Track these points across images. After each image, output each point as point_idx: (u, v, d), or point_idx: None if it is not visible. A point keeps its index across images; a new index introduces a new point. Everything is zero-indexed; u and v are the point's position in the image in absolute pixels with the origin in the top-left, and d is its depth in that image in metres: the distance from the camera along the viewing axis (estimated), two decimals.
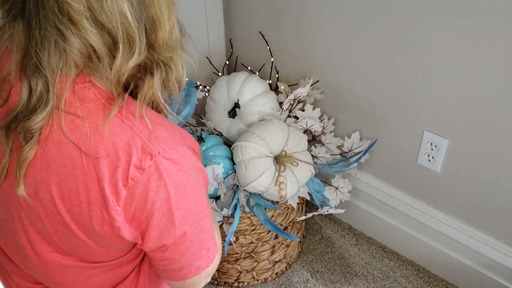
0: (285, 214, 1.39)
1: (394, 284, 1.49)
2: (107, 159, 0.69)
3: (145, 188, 0.71)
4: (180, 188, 0.73)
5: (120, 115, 0.71)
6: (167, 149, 0.71)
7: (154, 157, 0.70)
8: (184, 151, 0.75)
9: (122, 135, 0.70)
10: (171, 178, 0.72)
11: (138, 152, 0.69)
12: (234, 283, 1.49)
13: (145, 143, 0.70)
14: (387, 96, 1.36)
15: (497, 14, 1.06)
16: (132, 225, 0.74)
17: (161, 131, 0.73)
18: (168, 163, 0.71)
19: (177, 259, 0.80)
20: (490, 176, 1.26)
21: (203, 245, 0.81)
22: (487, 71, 1.13)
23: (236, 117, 1.44)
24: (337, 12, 1.34)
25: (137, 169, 0.69)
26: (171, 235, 0.75)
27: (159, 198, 0.72)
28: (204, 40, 1.62)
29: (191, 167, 0.75)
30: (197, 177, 0.77)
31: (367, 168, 1.53)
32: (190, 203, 0.76)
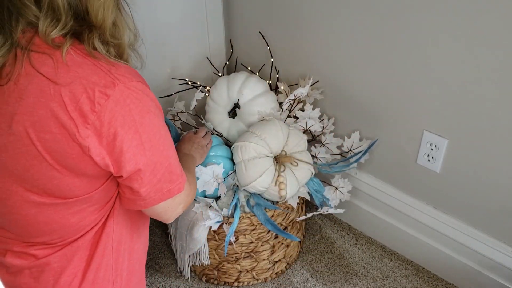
0: (285, 214, 1.39)
1: (394, 284, 1.49)
2: (72, 85, 0.79)
3: (113, 113, 0.80)
4: (144, 114, 0.84)
5: (82, 53, 0.82)
6: (127, 81, 0.82)
7: (117, 86, 0.80)
8: (143, 86, 0.85)
9: (86, 67, 0.81)
10: (134, 104, 0.82)
11: (102, 80, 0.80)
12: (234, 283, 1.49)
13: (108, 74, 0.81)
14: (387, 96, 1.36)
15: (497, 14, 1.06)
16: (103, 148, 0.82)
17: (120, 68, 0.84)
18: (130, 91, 0.82)
19: (150, 182, 0.88)
20: (490, 176, 1.26)
21: (172, 170, 0.91)
22: (487, 71, 1.14)
23: (236, 117, 1.44)
24: (337, 12, 1.34)
25: (103, 94, 0.80)
26: (143, 156, 0.85)
27: (126, 122, 0.81)
28: (204, 40, 1.62)
29: (150, 101, 0.86)
30: (155, 109, 0.87)
31: (367, 168, 1.54)
32: (154, 128, 0.86)
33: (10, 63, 0.82)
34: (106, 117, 0.80)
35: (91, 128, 0.80)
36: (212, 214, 1.29)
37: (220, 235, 1.36)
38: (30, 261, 0.94)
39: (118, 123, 0.81)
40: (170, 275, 1.54)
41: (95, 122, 0.80)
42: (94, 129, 0.80)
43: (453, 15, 1.13)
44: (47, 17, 0.80)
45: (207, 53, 1.64)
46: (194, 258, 1.40)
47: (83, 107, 0.79)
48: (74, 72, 0.80)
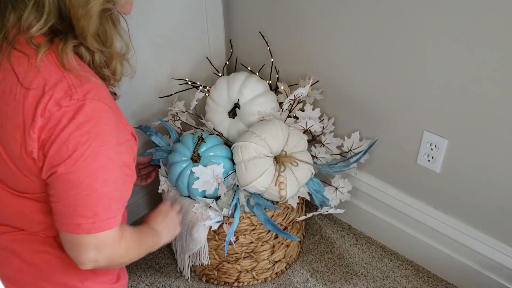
0: (285, 214, 1.39)
1: (394, 284, 1.49)
2: (35, 91, 0.82)
3: (58, 121, 0.81)
4: (87, 134, 0.82)
5: (57, 60, 0.84)
6: (87, 97, 0.83)
7: (72, 99, 0.82)
8: (106, 109, 0.85)
9: (54, 75, 0.83)
10: (82, 122, 0.82)
11: (62, 91, 0.82)
12: (234, 283, 1.49)
13: (70, 87, 0.82)
14: (387, 96, 1.36)
15: (497, 14, 1.06)
16: (41, 149, 0.83)
17: (88, 84, 0.84)
18: (83, 108, 0.82)
19: (60, 199, 0.85)
20: (490, 176, 1.26)
21: (90, 205, 0.85)
22: (487, 71, 1.14)
23: (236, 117, 1.44)
24: (337, 12, 1.34)
25: (56, 105, 0.81)
26: (62, 163, 0.82)
27: (65, 131, 0.82)
28: (204, 40, 1.62)
29: (105, 125, 0.85)
30: (108, 138, 0.85)
31: (367, 168, 1.54)
32: (91, 153, 0.83)
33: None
34: (50, 122, 0.81)
35: (36, 132, 0.82)
36: (212, 214, 1.28)
37: (220, 235, 1.36)
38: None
39: (56, 130, 0.82)
40: (170, 275, 1.54)
41: (41, 128, 0.82)
42: (38, 135, 0.82)
43: (453, 15, 1.13)
44: (31, 12, 0.82)
45: (207, 53, 1.64)
46: (194, 258, 1.40)
47: (37, 113, 0.81)
48: (42, 78, 0.83)
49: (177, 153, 1.35)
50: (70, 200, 0.85)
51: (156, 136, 1.46)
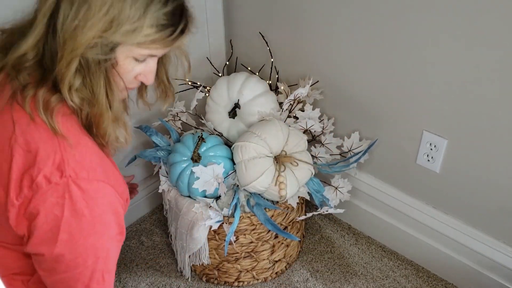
0: (285, 214, 1.39)
1: (394, 284, 1.49)
2: (27, 154, 0.78)
3: (44, 198, 0.77)
4: (77, 215, 0.79)
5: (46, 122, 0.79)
6: (80, 176, 0.79)
7: (63, 177, 0.77)
8: (99, 187, 0.81)
9: (49, 145, 0.78)
10: (71, 201, 0.78)
11: (54, 165, 0.77)
12: (234, 282, 1.49)
13: (63, 161, 0.78)
14: (387, 96, 1.36)
15: (497, 14, 1.06)
16: (22, 223, 0.80)
17: (85, 159, 0.80)
18: (76, 188, 0.78)
19: (52, 275, 0.84)
20: (489, 176, 1.26)
21: (80, 279, 0.84)
22: (487, 71, 1.14)
23: (236, 117, 1.44)
24: (337, 12, 1.35)
25: (45, 179, 0.77)
26: (49, 249, 0.80)
27: (52, 212, 0.78)
28: (204, 40, 1.62)
29: (100, 205, 0.81)
30: (101, 216, 0.82)
31: (366, 168, 1.54)
32: (80, 233, 0.80)
33: None
34: (36, 198, 0.78)
35: (19, 200, 0.78)
36: (212, 214, 1.29)
37: (220, 235, 1.36)
38: None
39: (43, 209, 0.78)
40: (170, 275, 1.54)
41: (25, 199, 0.78)
42: (20, 204, 0.79)
43: (453, 15, 1.13)
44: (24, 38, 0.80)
45: (207, 53, 1.64)
46: (194, 257, 1.40)
47: (23, 181, 0.78)
48: (35, 145, 0.78)
49: (177, 153, 1.35)
50: (61, 276, 0.84)
51: (156, 136, 1.46)
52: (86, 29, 0.76)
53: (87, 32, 0.76)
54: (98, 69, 0.80)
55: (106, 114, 0.84)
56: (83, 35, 0.76)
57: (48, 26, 0.78)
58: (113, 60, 0.81)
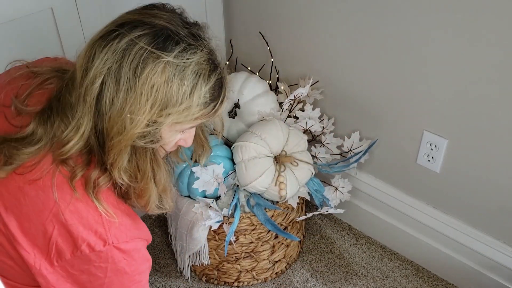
0: (285, 214, 1.39)
1: (394, 284, 1.49)
2: (70, 227, 0.80)
3: (88, 263, 0.81)
4: (119, 273, 0.84)
5: (90, 194, 0.82)
6: (121, 240, 0.82)
7: (107, 245, 0.81)
8: (136, 244, 0.85)
9: (91, 218, 0.81)
10: (114, 264, 0.82)
11: (96, 235, 0.80)
12: (234, 282, 1.49)
13: (105, 231, 0.81)
14: (387, 96, 1.36)
15: (497, 14, 1.06)
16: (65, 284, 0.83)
17: (123, 223, 0.84)
18: (117, 252, 0.82)
19: None
20: (490, 176, 1.26)
21: None
22: (487, 71, 1.14)
23: (236, 117, 1.44)
24: (337, 12, 1.35)
25: (89, 247, 0.80)
26: None
27: (96, 275, 0.82)
28: None
29: (137, 258, 0.86)
30: (139, 268, 0.87)
31: (366, 168, 1.54)
32: (120, 286, 0.86)
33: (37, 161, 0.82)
34: (79, 262, 0.81)
35: (60, 264, 0.81)
36: (212, 214, 1.29)
37: (220, 235, 1.36)
38: None
39: (87, 272, 0.82)
40: (170, 275, 1.54)
41: (67, 263, 0.82)
42: (61, 267, 0.82)
43: (453, 15, 1.13)
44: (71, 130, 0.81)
45: None
46: (194, 258, 1.40)
47: (66, 248, 0.80)
48: (79, 217, 0.81)
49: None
50: None
51: None
52: (136, 122, 0.78)
53: (137, 125, 0.78)
54: (146, 150, 0.84)
55: (151, 187, 0.88)
56: (134, 128, 0.78)
57: (94, 113, 0.79)
58: (159, 138, 0.84)
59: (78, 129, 0.79)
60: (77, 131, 0.80)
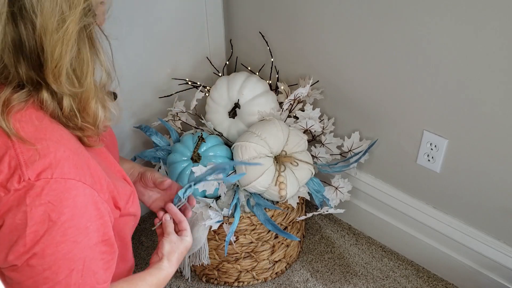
0: (285, 214, 1.39)
1: (394, 284, 1.49)
2: None
3: (7, 208, 0.68)
4: (43, 221, 0.68)
5: (11, 127, 0.69)
6: (41, 177, 0.68)
7: (22, 181, 0.67)
8: (68, 185, 0.69)
9: (2, 148, 0.68)
10: (35, 208, 0.67)
11: (10, 171, 0.67)
12: (234, 282, 1.49)
13: (20, 165, 0.67)
14: (387, 96, 1.36)
15: (498, 13, 1.06)
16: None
17: (47, 155, 0.69)
18: (37, 191, 0.67)
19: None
20: (490, 176, 1.26)
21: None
22: (487, 71, 1.14)
23: (236, 117, 1.44)
24: (337, 12, 1.35)
25: (2, 188, 0.67)
26: (17, 260, 0.70)
27: (15, 222, 0.68)
28: (204, 40, 1.62)
29: (70, 206, 0.70)
30: (73, 219, 0.70)
31: (367, 168, 1.54)
32: (50, 242, 0.69)
33: None
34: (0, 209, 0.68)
35: None
36: (212, 214, 1.29)
37: (220, 235, 1.36)
38: None
39: (7, 220, 0.68)
40: None
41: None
42: None
43: (453, 14, 1.13)
44: None
45: (207, 53, 1.64)
46: (194, 258, 1.40)
47: None
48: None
49: (177, 153, 1.35)
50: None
51: (156, 136, 1.46)
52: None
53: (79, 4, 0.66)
54: (84, 35, 0.70)
55: (93, 88, 0.74)
56: (76, 5, 0.66)
57: (8, 20, 0.65)
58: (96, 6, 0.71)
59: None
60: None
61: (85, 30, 0.70)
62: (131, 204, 0.86)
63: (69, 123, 0.76)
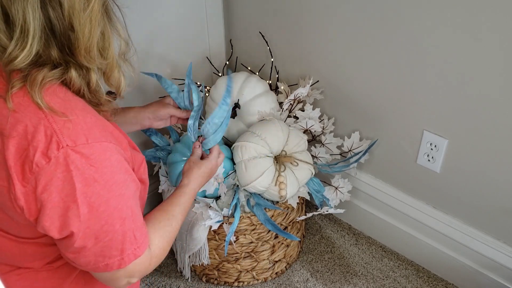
0: (285, 214, 1.39)
1: (394, 284, 1.49)
2: (17, 139, 0.73)
3: (51, 177, 0.73)
4: (89, 183, 0.74)
5: (34, 100, 0.73)
6: (78, 143, 0.73)
7: (61, 148, 0.72)
8: (103, 148, 0.76)
9: (35, 120, 0.73)
10: (79, 171, 0.73)
11: (47, 139, 0.72)
12: (234, 282, 1.49)
13: (55, 133, 0.73)
14: (387, 96, 1.36)
15: (498, 13, 1.06)
16: (36, 208, 0.75)
17: (78, 124, 0.75)
18: (77, 156, 0.73)
19: (83, 253, 0.80)
20: (490, 176, 1.26)
21: (113, 245, 0.81)
22: (488, 71, 1.14)
23: (236, 117, 1.44)
24: (337, 12, 1.35)
25: (44, 156, 0.72)
26: (75, 226, 0.76)
27: (64, 188, 0.73)
28: (204, 40, 1.62)
29: (107, 166, 0.76)
30: (113, 176, 0.77)
31: (367, 168, 1.54)
32: (99, 199, 0.76)
33: None
34: (42, 180, 0.73)
35: (27, 186, 0.74)
36: (212, 214, 1.29)
37: (220, 235, 1.36)
38: None
39: (54, 188, 0.73)
40: (170, 275, 1.54)
41: (32, 182, 0.73)
42: (30, 189, 0.74)
43: (453, 15, 1.13)
44: (17, 44, 0.71)
45: (207, 53, 1.64)
46: (194, 258, 1.40)
47: (24, 166, 0.73)
48: (22, 124, 0.73)
49: (177, 153, 1.35)
50: (93, 251, 0.80)
51: (156, 136, 1.46)
52: None
53: None
54: (101, 10, 0.76)
55: (115, 59, 0.81)
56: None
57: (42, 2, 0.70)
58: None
59: (26, 35, 0.70)
60: (25, 38, 0.71)
61: (104, 5, 0.76)
62: (143, 171, 0.93)
63: (93, 99, 0.82)
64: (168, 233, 0.95)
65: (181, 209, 1.01)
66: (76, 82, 0.78)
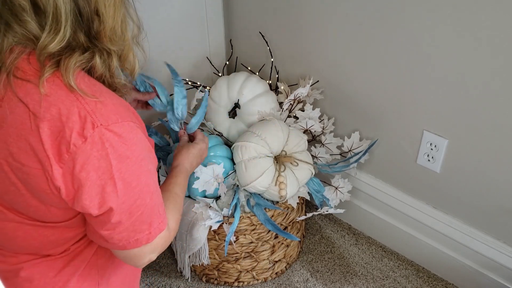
0: (285, 214, 1.39)
1: (394, 284, 1.49)
2: (51, 122, 0.75)
3: (88, 156, 0.76)
4: (123, 160, 0.78)
5: (66, 83, 0.77)
6: (110, 122, 0.77)
7: (96, 127, 0.75)
8: (130, 127, 0.80)
9: (68, 102, 0.76)
10: (113, 148, 0.77)
11: (82, 120, 0.75)
12: (234, 282, 1.49)
13: (89, 113, 0.76)
14: (387, 96, 1.36)
15: (499, 12, 1.06)
16: (74, 189, 0.78)
17: (107, 105, 0.79)
18: (111, 134, 0.77)
19: (118, 229, 0.83)
20: (490, 176, 1.26)
21: (144, 219, 0.85)
22: (488, 71, 1.14)
23: (236, 117, 1.44)
24: (337, 12, 1.35)
25: (80, 136, 0.75)
26: (114, 201, 0.79)
27: (101, 166, 0.77)
28: (204, 40, 1.62)
29: (136, 143, 0.81)
30: (141, 153, 0.82)
31: (367, 168, 1.54)
32: (132, 175, 0.80)
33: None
34: (80, 159, 0.75)
35: (64, 167, 0.76)
36: (212, 214, 1.29)
37: (220, 235, 1.36)
38: (5, 264, 0.94)
39: (91, 167, 0.76)
40: (170, 275, 1.54)
41: (69, 163, 0.76)
42: (67, 169, 0.76)
43: (454, 15, 1.13)
44: (50, 30, 0.75)
45: (207, 53, 1.64)
46: (194, 258, 1.40)
47: (60, 147, 0.75)
48: (55, 107, 0.76)
49: None
50: (126, 226, 0.83)
51: (156, 136, 1.46)
52: None
53: None
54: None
55: (129, 42, 0.85)
56: None
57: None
58: None
59: (58, 22, 0.74)
60: (58, 23, 0.74)
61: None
62: (153, 153, 0.95)
63: (114, 84, 0.86)
64: (177, 209, 1.00)
65: (180, 187, 1.07)
66: (100, 68, 0.81)
